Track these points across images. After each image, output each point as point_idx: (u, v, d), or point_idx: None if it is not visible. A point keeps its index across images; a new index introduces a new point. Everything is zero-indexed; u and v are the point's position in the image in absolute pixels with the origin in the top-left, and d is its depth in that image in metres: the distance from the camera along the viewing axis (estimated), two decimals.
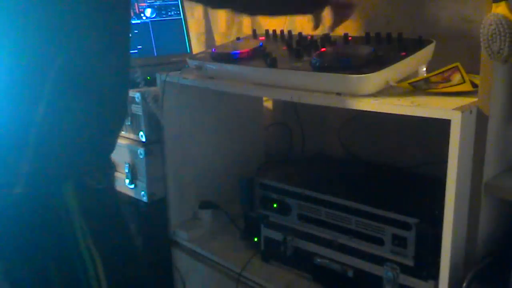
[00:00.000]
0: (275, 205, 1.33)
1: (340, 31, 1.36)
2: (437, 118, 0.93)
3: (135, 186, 1.55)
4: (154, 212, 1.56)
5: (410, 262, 1.10)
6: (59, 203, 0.90)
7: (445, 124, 0.92)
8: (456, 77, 1.01)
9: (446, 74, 1.02)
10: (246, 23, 1.80)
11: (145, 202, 1.53)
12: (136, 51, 1.58)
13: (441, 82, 1.02)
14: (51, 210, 0.90)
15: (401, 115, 0.98)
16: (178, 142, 1.53)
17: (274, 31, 1.45)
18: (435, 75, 1.03)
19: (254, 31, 1.50)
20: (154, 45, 1.61)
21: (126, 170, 1.55)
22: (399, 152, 1.43)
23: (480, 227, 0.99)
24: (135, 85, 1.48)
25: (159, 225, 1.57)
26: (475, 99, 0.96)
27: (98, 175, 0.94)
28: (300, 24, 1.61)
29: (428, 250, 1.06)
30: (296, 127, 1.69)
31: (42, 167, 0.87)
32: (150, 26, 1.61)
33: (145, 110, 1.47)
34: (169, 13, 1.64)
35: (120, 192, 1.53)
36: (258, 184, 1.37)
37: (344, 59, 1.09)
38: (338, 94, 1.07)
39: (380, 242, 1.14)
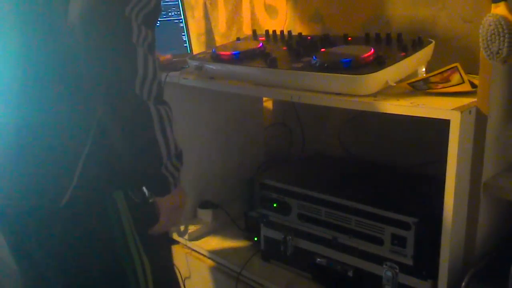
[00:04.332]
0: (275, 205, 1.33)
1: (340, 31, 1.37)
2: (437, 118, 0.93)
3: None
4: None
5: (409, 262, 1.10)
6: (111, 207, 0.99)
7: (444, 124, 0.92)
8: (455, 78, 1.01)
9: (445, 75, 1.02)
10: (246, 23, 1.81)
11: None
12: None
13: (441, 82, 1.02)
14: (103, 212, 0.98)
15: (401, 115, 0.98)
16: None
17: (274, 31, 1.46)
18: (434, 75, 1.03)
19: (254, 31, 1.50)
20: None
21: None
22: (399, 152, 1.43)
23: (478, 226, 1.00)
24: None
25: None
26: (474, 99, 0.97)
27: (136, 190, 1.02)
28: (300, 24, 1.62)
29: (427, 249, 1.06)
30: (296, 127, 1.70)
31: (95, 177, 0.96)
32: None
33: None
34: (169, 14, 1.64)
35: None
36: (258, 184, 1.37)
37: (344, 59, 1.09)
38: (338, 94, 1.08)
39: (379, 241, 1.14)
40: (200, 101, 1.56)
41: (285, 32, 1.45)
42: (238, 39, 1.50)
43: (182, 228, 1.58)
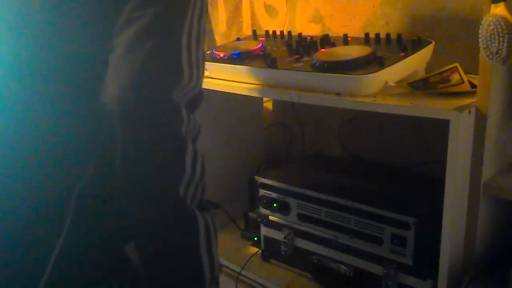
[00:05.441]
0: (275, 205, 1.33)
1: (339, 32, 1.37)
2: (436, 118, 0.93)
3: None
4: None
5: (409, 261, 1.10)
6: None
7: (444, 124, 0.92)
8: (455, 78, 1.01)
9: (445, 75, 1.02)
10: (246, 23, 1.81)
11: None
12: None
13: (440, 83, 1.02)
14: None
15: (400, 115, 0.98)
16: None
17: (274, 31, 1.46)
18: (434, 75, 1.03)
19: (254, 31, 1.51)
20: None
21: None
22: (398, 152, 1.43)
23: (478, 226, 1.00)
24: None
25: None
26: (473, 100, 0.97)
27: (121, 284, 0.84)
28: (300, 24, 1.62)
29: (427, 249, 1.06)
30: (296, 127, 1.70)
31: (68, 276, 0.78)
32: None
33: None
34: None
35: None
36: (258, 183, 1.37)
37: (344, 59, 1.09)
38: (338, 94, 1.08)
39: (379, 241, 1.14)
40: None
41: (285, 32, 1.45)
42: (238, 39, 1.50)
43: None
